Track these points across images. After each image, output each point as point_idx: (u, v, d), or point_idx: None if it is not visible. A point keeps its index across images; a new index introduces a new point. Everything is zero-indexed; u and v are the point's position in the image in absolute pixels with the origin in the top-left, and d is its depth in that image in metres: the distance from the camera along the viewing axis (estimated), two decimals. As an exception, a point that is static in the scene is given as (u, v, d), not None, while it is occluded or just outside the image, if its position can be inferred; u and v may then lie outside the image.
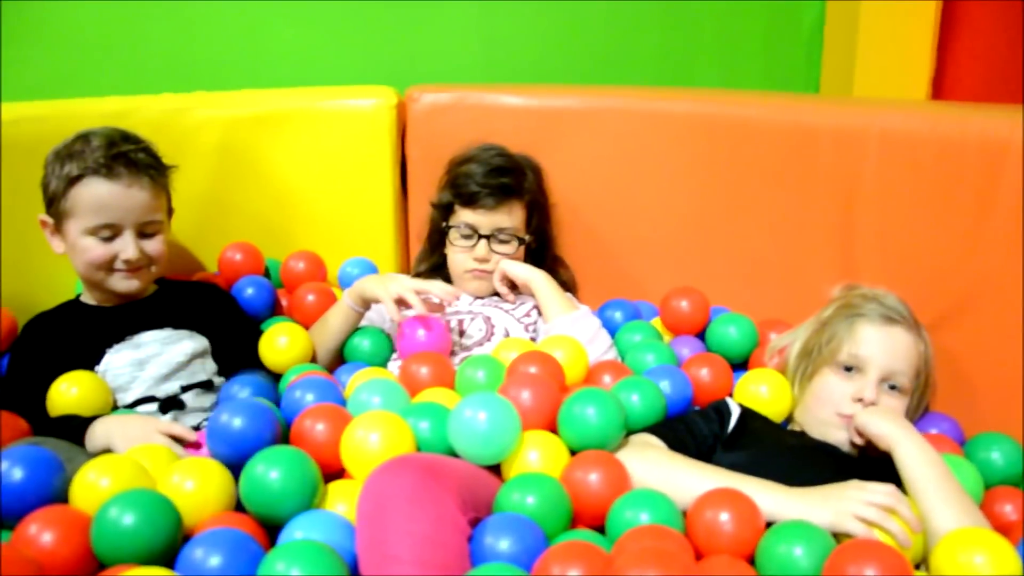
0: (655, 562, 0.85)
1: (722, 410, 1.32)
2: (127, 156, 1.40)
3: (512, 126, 1.81)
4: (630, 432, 1.24)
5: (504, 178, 1.64)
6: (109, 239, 1.40)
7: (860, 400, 1.27)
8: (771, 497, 1.04)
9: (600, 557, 0.91)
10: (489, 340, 1.55)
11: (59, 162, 1.40)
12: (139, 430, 1.21)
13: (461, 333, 1.56)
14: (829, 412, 1.30)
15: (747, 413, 1.33)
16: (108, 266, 1.41)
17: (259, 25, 2.24)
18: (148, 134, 1.50)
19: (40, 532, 0.94)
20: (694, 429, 1.27)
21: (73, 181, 1.38)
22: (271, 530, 1.03)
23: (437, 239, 1.73)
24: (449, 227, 1.67)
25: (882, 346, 1.30)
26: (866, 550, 0.91)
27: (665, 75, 2.44)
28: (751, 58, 2.48)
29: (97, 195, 1.38)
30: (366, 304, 1.54)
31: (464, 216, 1.64)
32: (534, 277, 1.60)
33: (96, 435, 1.23)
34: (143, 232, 1.43)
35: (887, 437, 1.19)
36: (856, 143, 1.56)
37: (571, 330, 1.50)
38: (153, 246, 1.44)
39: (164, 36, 2.21)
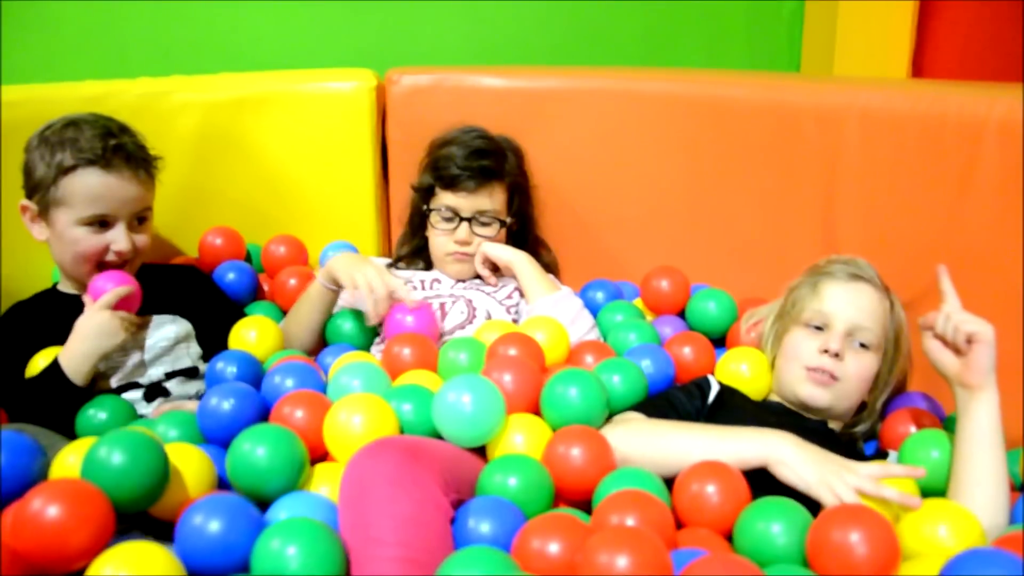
0: (627, 545, 0.83)
1: (703, 385, 1.33)
2: (125, 148, 1.38)
3: (493, 108, 1.80)
4: (613, 413, 1.24)
5: (485, 160, 1.63)
6: (101, 230, 1.38)
7: (826, 351, 1.28)
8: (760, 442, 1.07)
9: (580, 530, 0.91)
10: (471, 323, 1.55)
11: (48, 149, 1.36)
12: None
13: (443, 316, 1.56)
14: (797, 367, 1.31)
15: (726, 389, 1.34)
16: (98, 258, 1.39)
17: (238, 8, 2.22)
18: (127, 118, 1.47)
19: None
20: (676, 403, 1.27)
21: (67, 171, 1.34)
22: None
23: (418, 222, 1.72)
24: (430, 210, 1.66)
25: (846, 301, 1.31)
26: (853, 515, 0.91)
27: (647, 55, 2.44)
28: (733, 38, 2.48)
29: (93, 186, 1.35)
30: (338, 283, 1.53)
31: (445, 199, 1.63)
32: (516, 259, 1.60)
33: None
34: (133, 223, 1.41)
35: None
36: (837, 122, 1.56)
37: (553, 311, 1.51)
38: (142, 238, 1.43)
39: (142, 19, 2.19)
